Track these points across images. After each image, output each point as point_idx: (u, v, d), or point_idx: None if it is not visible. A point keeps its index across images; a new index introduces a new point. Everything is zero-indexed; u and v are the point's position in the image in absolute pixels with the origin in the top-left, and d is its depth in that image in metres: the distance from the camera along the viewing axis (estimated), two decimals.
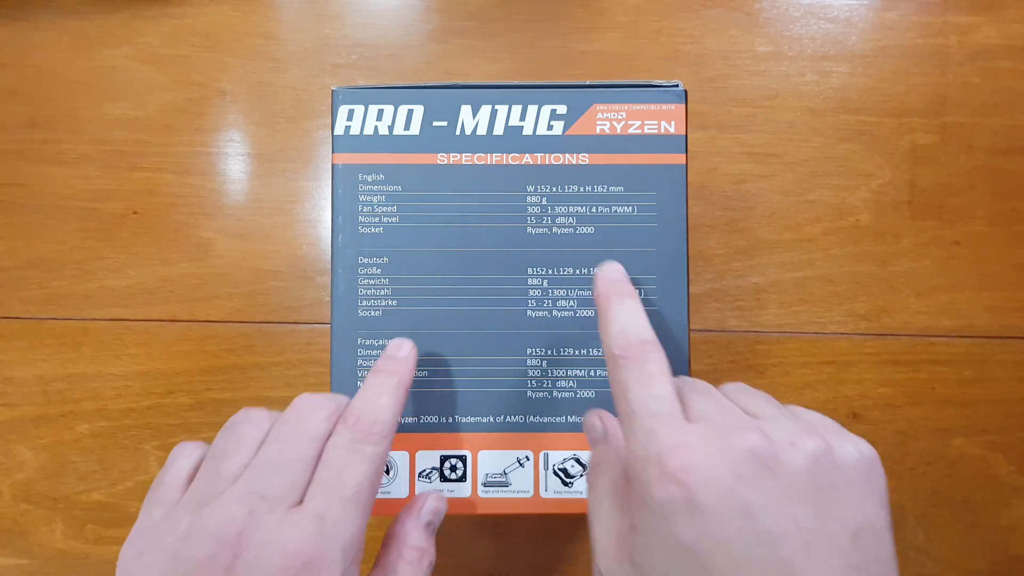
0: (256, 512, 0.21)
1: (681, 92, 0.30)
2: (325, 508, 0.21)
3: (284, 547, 0.20)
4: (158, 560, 0.21)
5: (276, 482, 0.22)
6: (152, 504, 0.23)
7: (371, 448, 0.23)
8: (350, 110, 0.29)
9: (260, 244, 0.40)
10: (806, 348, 0.39)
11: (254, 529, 0.21)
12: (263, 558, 0.20)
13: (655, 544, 0.20)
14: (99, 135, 0.40)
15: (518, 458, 0.29)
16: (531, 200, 0.29)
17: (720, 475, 0.19)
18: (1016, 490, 0.39)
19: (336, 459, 0.23)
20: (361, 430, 0.23)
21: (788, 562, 0.18)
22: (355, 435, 0.23)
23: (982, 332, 0.39)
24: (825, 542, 0.19)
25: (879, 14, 0.41)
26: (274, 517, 0.21)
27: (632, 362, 0.23)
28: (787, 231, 0.40)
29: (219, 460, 0.23)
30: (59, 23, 0.41)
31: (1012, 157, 0.40)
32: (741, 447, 0.20)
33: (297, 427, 0.23)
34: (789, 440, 0.21)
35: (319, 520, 0.21)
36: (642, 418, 0.21)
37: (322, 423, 0.24)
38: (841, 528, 0.19)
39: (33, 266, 0.40)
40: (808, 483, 0.20)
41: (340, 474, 0.22)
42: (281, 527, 0.21)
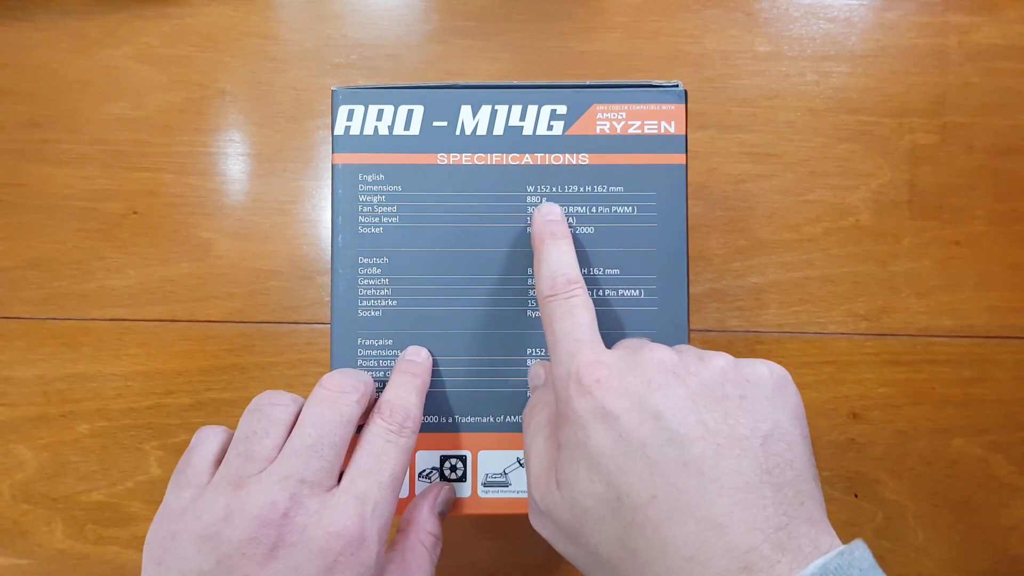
0: (298, 495, 0.21)
1: (681, 92, 0.30)
2: (366, 491, 0.23)
3: (328, 528, 0.21)
4: (194, 541, 0.21)
5: (315, 466, 0.22)
6: (180, 486, 0.23)
7: (405, 440, 0.25)
8: (350, 110, 0.29)
9: (260, 244, 0.40)
10: (806, 348, 0.39)
11: (298, 511, 0.21)
12: (307, 540, 0.21)
13: (578, 456, 0.21)
14: (99, 135, 0.40)
15: (518, 458, 0.29)
16: (531, 200, 0.29)
17: (631, 383, 0.21)
18: (1016, 490, 0.39)
19: (375, 447, 0.24)
20: (396, 422, 0.25)
21: (699, 461, 0.19)
22: (391, 426, 0.24)
23: (982, 332, 0.39)
24: (735, 444, 0.20)
25: (879, 14, 0.41)
26: (316, 500, 0.22)
27: (559, 298, 0.24)
28: (787, 231, 0.40)
29: (251, 441, 0.23)
30: (59, 23, 0.41)
31: (1012, 157, 0.40)
32: (651, 359, 0.21)
33: (332, 411, 0.24)
34: (698, 356, 0.22)
35: (361, 502, 0.22)
36: (564, 343, 0.23)
37: (355, 408, 0.24)
38: (751, 433, 0.20)
39: (33, 266, 0.40)
40: (716, 391, 0.21)
41: (378, 461, 0.23)
42: (324, 509, 0.21)
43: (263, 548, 0.20)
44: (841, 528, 0.38)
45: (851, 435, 0.39)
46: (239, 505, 0.21)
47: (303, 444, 0.23)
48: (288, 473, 0.22)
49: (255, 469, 0.22)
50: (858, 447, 0.39)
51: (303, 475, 0.22)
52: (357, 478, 0.23)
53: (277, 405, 0.24)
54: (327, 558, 0.21)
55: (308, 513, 0.21)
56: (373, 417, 0.25)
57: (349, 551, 0.21)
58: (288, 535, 0.21)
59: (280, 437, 0.23)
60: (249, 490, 0.21)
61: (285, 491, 0.21)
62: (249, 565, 0.20)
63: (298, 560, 0.21)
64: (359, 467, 0.23)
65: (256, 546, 0.20)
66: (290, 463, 0.22)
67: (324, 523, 0.21)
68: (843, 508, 0.39)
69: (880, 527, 0.39)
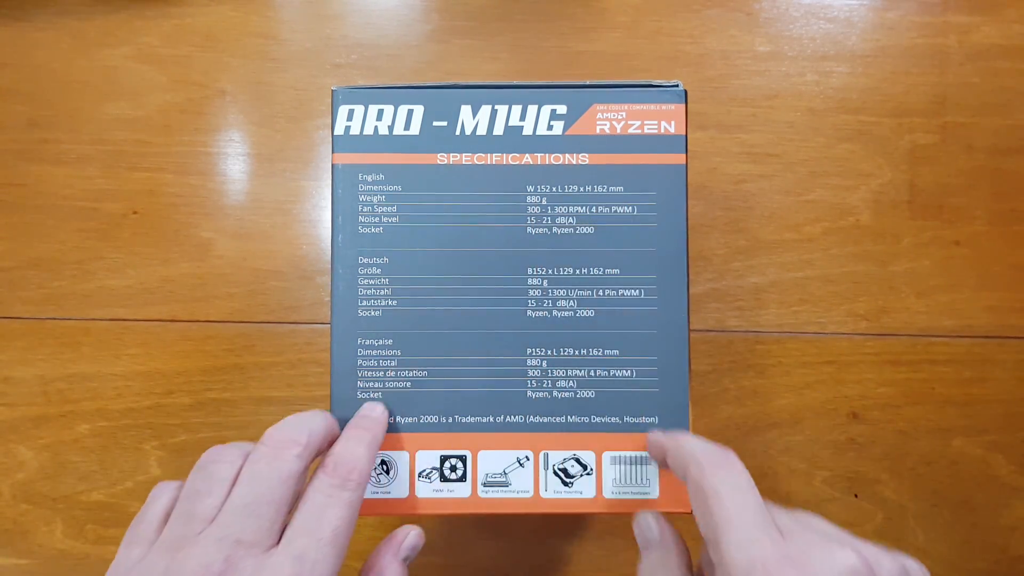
0: (232, 557, 0.21)
1: (681, 92, 0.29)
2: (304, 550, 0.22)
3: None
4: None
5: (252, 526, 0.22)
6: (131, 543, 0.23)
7: (348, 494, 0.24)
8: (350, 110, 0.29)
9: (260, 244, 0.40)
10: (806, 348, 0.39)
11: (232, 574, 0.21)
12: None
13: None
14: (99, 135, 0.40)
15: (518, 458, 0.29)
16: (531, 200, 0.29)
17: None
18: (1016, 490, 0.39)
19: (315, 503, 0.23)
20: (340, 476, 0.24)
21: None
22: (334, 480, 0.24)
23: (982, 332, 0.39)
24: None
25: (879, 14, 0.41)
26: (251, 561, 0.21)
27: (720, 469, 0.23)
28: (787, 231, 0.40)
29: (193, 501, 0.23)
30: (59, 23, 0.41)
31: (1012, 157, 0.40)
32: (843, 563, 0.21)
33: (271, 467, 0.23)
34: (877, 559, 0.22)
35: (298, 561, 0.21)
36: (740, 527, 0.22)
37: (295, 463, 0.24)
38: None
39: (33, 266, 0.40)
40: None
41: (319, 518, 0.23)
42: (259, 571, 0.21)
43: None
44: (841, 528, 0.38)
45: (851, 435, 0.39)
46: (177, 568, 0.21)
47: (240, 503, 0.22)
48: (223, 535, 0.22)
49: (194, 531, 0.22)
50: (858, 447, 0.39)
51: (239, 536, 0.22)
52: (295, 536, 0.22)
53: (220, 463, 0.24)
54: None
55: (244, 575, 0.21)
56: (317, 472, 0.25)
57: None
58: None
59: (221, 496, 0.23)
60: (186, 553, 0.21)
61: (220, 553, 0.21)
62: None
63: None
64: (298, 524, 0.23)
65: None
66: (226, 523, 0.22)
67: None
68: (843, 508, 0.39)
69: (880, 527, 0.39)
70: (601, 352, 0.29)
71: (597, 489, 0.29)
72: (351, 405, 0.29)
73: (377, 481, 0.28)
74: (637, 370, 0.29)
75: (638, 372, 0.29)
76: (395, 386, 0.29)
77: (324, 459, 0.25)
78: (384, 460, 0.29)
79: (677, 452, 0.25)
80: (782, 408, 0.39)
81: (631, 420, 0.29)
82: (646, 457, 0.29)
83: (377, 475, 0.28)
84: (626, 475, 0.29)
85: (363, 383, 0.29)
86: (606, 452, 0.29)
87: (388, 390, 0.29)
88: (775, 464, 0.39)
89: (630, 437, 0.29)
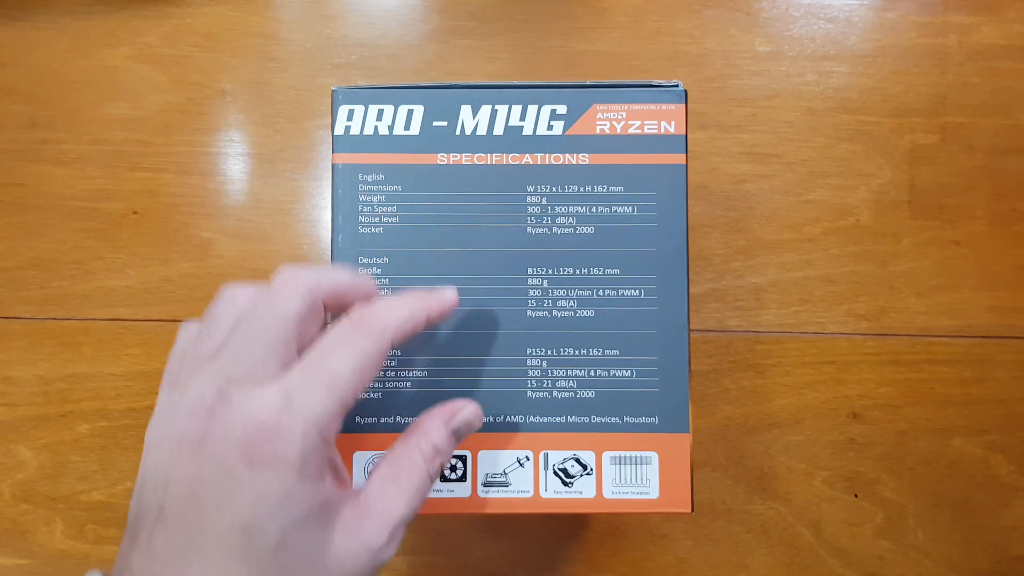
0: (225, 390, 0.21)
1: (681, 92, 0.29)
2: (296, 386, 0.21)
3: (247, 420, 0.20)
4: (155, 438, 0.22)
5: (245, 363, 0.22)
6: (162, 388, 0.24)
7: (362, 340, 0.22)
8: (350, 110, 0.29)
9: (260, 244, 0.40)
10: (806, 348, 0.39)
11: (221, 405, 0.21)
12: (228, 431, 0.20)
13: None
14: (99, 135, 0.40)
15: (518, 458, 0.29)
16: (531, 200, 0.29)
17: None
18: (1016, 490, 0.39)
19: (325, 344, 0.22)
20: (360, 323, 0.23)
21: None
22: (351, 325, 0.23)
23: (982, 332, 0.39)
24: None
25: (879, 14, 0.41)
26: (241, 394, 0.21)
27: None
28: (787, 231, 0.40)
29: (196, 344, 0.23)
30: (59, 23, 0.41)
31: (1012, 157, 0.40)
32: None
33: (268, 306, 0.23)
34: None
35: (285, 396, 0.21)
36: None
37: (296, 302, 0.23)
38: None
39: (33, 266, 0.40)
40: None
41: (321, 357, 0.22)
42: (246, 402, 0.21)
43: (194, 441, 0.21)
44: (841, 528, 0.39)
45: (851, 435, 0.39)
46: (178, 403, 0.22)
47: (236, 341, 0.22)
48: (217, 371, 0.22)
49: (195, 370, 0.22)
50: (858, 447, 0.39)
51: (231, 372, 0.21)
52: (294, 373, 0.22)
53: (226, 304, 0.24)
54: (246, 450, 0.20)
55: (231, 407, 0.21)
56: (340, 317, 0.23)
57: (266, 444, 0.20)
58: (212, 429, 0.21)
59: (223, 336, 0.23)
60: (184, 387, 0.22)
61: (213, 387, 0.21)
62: (185, 457, 0.21)
63: (219, 451, 0.20)
64: (300, 363, 0.22)
65: (189, 440, 0.21)
66: (222, 360, 0.22)
67: (242, 416, 0.21)
68: (843, 508, 0.39)
69: (880, 527, 0.39)
70: (601, 352, 0.29)
71: (597, 489, 0.29)
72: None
73: None
74: (637, 370, 0.29)
75: (638, 372, 0.29)
76: (395, 386, 0.29)
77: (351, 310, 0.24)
78: None
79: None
80: (782, 408, 0.39)
81: (631, 420, 0.29)
82: (646, 457, 0.29)
83: None
84: (626, 475, 0.29)
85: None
86: (606, 452, 0.29)
87: (388, 390, 0.29)
88: (775, 464, 0.39)
89: (630, 437, 0.29)
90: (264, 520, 0.20)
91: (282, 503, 0.20)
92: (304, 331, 0.23)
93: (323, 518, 0.21)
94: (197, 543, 0.20)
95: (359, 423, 0.29)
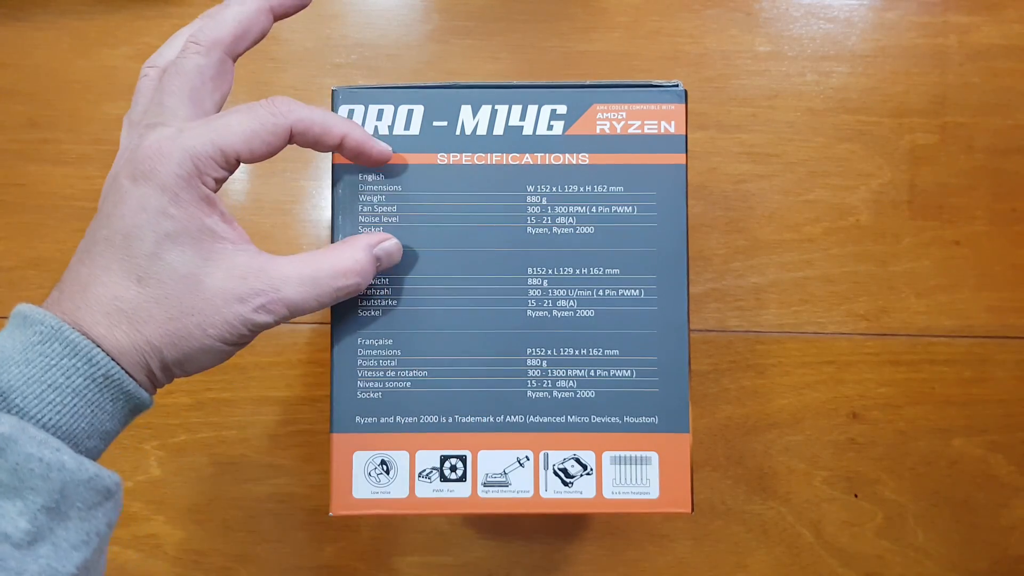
0: (144, 134, 0.24)
1: (681, 92, 0.29)
2: (189, 127, 0.24)
3: (141, 147, 0.24)
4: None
5: (159, 112, 0.25)
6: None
7: (191, 61, 0.25)
8: (350, 110, 0.29)
9: (260, 244, 0.39)
10: (806, 348, 0.39)
11: (139, 142, 0.24)
12: (128, 159, 0.24)
13: None
14: (99, 135, 0.40)
15: (518, 458, 0.29)
16: (531, 200, 0.29)
17: None
18: (1016, 490, 0.39)
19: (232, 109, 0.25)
20: (271, 101, 0.25)
21: None
22: (261, 102, 0.25)
23: (982, 332, 0.39)
24: None
25: (879, 14, 0.41)
26: (149, 132, 0.24)
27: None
28: (787, 231, 0.40)
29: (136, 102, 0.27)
30: (59, 23, 0.41)
31: (1012, 157, 0.40)
32: None
33: (175, 64, 0.25)
34: None
35: (177, 131, 0.24)
36: None
37: (197, 59, 0.25)
38: None
39: (33, 266, 0.40)
40: None
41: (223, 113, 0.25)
42: (148, 137, 0.24)
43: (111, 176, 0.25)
44: (841, 528, 0.39)
45: (851, 435, 0.39)
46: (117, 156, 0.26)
47: (156, 95, 0.25)
48: (138, 122, 0.25)
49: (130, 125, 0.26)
50: (858, 447, 0.39)
51: (150, 120, 0.25)
52: (195, 120, 0.25)
53: (149, 69, 0.27)
54: (133, 169, 0.24)
55: (142, 141, 0.24)
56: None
57: (146, 162, 0.23)
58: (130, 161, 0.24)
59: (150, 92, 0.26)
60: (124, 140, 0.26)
61: (136, 135, 0.25)
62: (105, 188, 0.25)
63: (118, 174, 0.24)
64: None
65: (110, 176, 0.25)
66: (141, 114, 0.26)
67: (144, 145, 0.24)
68: (843, 508, 0.39)
69: (880, 527, 0.39)
70: (601, 352, 0.29)
71: (597, 489, 0.29)
72: (351, 405, 0.29)
73: (377, 481, 0.28)
74: (637, 370, 0.29)
75: (638, 372, 0.29)
76: (395, 386, 0.29)
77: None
78: (384, 460, 0.29)
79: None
80: (782, 408, 0.39)
81: (631, 420, 0.29)
82: (646, 457, 0.29)
83: (377, 475, 0.28)
84: (626, 475, 0.29)
85: (363, 383, 0.29)
86: (606, 452, 0.29)
87: (388, 390, 0.29)
88: (775, 464, 0.39)
89: (630, 437, 0.29)
90: (141, 229, 0.23)
91: (158, 216, 0.23)
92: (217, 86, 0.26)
93: (200, 245, 0.24)
94: (90, 246, 0.24)
95: (359, 423, 0.29)
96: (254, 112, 0.25)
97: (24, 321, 0.23)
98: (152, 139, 0.24)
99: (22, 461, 0.20)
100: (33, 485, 0.20)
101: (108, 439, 0.24)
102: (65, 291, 0.24)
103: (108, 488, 0.22)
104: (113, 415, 0.23)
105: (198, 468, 0.39)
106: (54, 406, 0.22)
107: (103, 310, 0.23)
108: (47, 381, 0.22)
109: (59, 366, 0.22)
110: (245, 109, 0.25)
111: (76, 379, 0.22)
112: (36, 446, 0.20)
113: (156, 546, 0.39)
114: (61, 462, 0.21)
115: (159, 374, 0.24)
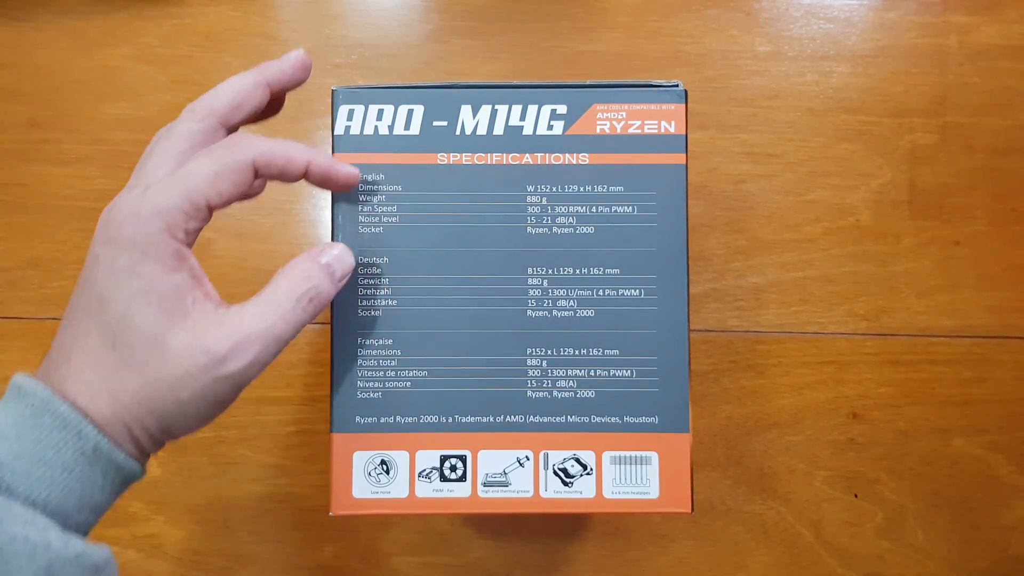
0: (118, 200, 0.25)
1: (681, 92, 0.29)
2: (155, 185, 0.24)
3: (120, 211, 0.24)
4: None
5: (142, 177, 0.25)
6: None
7: (184, 126, 0.26)
8: (350, 110, 0.29)
9: (260, 244, 0.40)
10: (806, 348, 0.39)
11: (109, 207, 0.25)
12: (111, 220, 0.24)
13: None
14: (99, 135, 0.40)
15: (518, 458, 0.29)
16: (531, 200, 0.29)
17: None
18: (1016, 490, 0.39)
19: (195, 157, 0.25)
20: (228, 141, 0.25)
21: None
22: (220, 144, 0.25)
23: (982, 332, 0.39)
24: None
25: (879, 14, 0.41)
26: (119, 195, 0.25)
27: None
28: (787, 231, 0.40)
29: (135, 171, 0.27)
30: (59, 23, 0.41)
31: (1012, 157, 0.40)
32: None
33: (167, 132, 0.26)
34: None
35: (144, 190, 0.24)
36: None
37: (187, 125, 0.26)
38: None
39: (33, 266, 0.40)
40: None
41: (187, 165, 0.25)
42: (118, 199, 0.24)
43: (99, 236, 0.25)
44: (841, 528, 0.39)
45: (851, 435, 0.39)
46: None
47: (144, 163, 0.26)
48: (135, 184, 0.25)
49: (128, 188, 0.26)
50: (858, 447, 0.39)
51: (130, 183, 0.25)
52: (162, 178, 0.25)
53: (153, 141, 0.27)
54: (104, 234, 0.24)
55: (112, 205, 0.24)
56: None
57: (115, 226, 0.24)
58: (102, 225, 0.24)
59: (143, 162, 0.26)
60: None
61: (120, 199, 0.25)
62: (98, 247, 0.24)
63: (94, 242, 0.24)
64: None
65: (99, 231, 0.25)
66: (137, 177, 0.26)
67: (117, 208, 0.24)
68: (843, 508, 0.39)
69: (880, 527, 0.39)
70: (601, 352, 0.29)
71: (597, 489, 0.29)
72: (351, 405, 0.29)
73: (377, 481, 0.28)
74: (637, 370, 0.29)
75: (638, 372, 0.29)
76: (395, 386, 0.29)
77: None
78: (384, 460, 0.29)
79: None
80: (782, 408, 0.39)
81: (631, 420, 0.29)
82: (646, 457, 0.29)
83: (377, 475, 0.28)
84: (626, 475, 0.29)
85: (363, 383, 0.29)
86: (606, 452, 0.29)
87: (388, 390, 0.29)
88: (775, 464, 0.39)
89: (630, 437, 0.29)
90: (113, 291, 0.23)
91: (128, 276, 0.23)
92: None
93: (170, 305, 0.23)
94: (71, 313, 0.24)
95: (359, 423, 0.29)
96: (213, 154, 0.24)
97: (18, 393, 0.23)
98: (121, 202, 0.24)
99: (6, 542, 0.20)
100: (19, 566, 0.20)
101: (100, 511, 0.23)
102: (52, 360, 0.23)
103: (96, 564, 0.22)
104: (103, 488, 0.23)
105: (198, 468, 0.39)
106: (43, 482, 0.21)
107: (84, 379, 0.23)
108: (37, 456, 0.21)
109: (48, 440, 0.22)
110: (204, 153, 0.25)
111: (66, 453, 0.22)
112: (22, 526, 0.20)
113: (156, 546, 0.39)
114: (47, 542, 0.20)
115: (146, 443, 0.24)
